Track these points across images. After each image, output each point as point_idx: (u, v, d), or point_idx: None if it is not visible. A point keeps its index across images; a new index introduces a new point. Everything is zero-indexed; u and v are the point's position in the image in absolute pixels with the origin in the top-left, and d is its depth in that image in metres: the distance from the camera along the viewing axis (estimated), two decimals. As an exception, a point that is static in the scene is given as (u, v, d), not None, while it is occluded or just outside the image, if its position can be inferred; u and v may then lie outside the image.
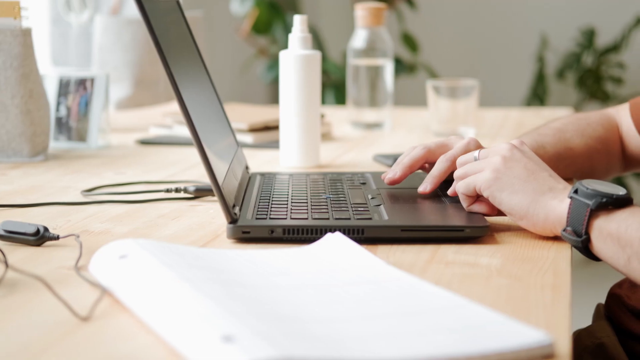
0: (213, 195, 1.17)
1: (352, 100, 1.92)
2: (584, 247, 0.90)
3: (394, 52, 2.19)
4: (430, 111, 1.86)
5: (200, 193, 1.20)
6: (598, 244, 0.89)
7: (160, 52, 0.95)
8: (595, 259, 0.91)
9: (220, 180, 0.98)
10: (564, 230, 0.92)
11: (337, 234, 0.93)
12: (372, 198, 1.10)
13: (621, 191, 0.90)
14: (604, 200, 0.88)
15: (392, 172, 1.14)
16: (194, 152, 1.00)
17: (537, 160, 1.00)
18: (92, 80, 1.65)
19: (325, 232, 0.95)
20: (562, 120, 1.28)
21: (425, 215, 1.04)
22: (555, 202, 0.94)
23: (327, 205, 1.06)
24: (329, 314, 0.71)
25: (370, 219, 1.00)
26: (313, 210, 1.03)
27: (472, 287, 0.82)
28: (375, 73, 1.89)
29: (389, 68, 1.90)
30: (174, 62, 0.98)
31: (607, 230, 0.88)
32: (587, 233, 0.89)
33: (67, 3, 2.14)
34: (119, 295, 0.77)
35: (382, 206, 1.05)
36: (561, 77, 4.10)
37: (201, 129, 0.98)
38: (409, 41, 3.77)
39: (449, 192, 1.07)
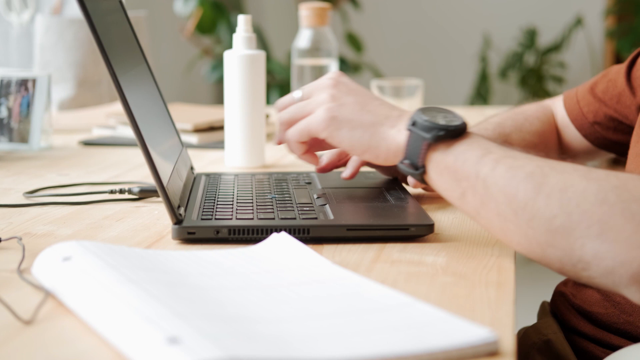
0: (158, 196, 1.17)
1: (297, 100, 1.91)
2: (421, 180, 0.90)
3: (339, 52, 2.20)
4: (375, 111, 1.86)
5: (144, 194, 1.19)
6: (434, 176, 0.89)
7: (103, 52, 0.94)
8: None
9: (164, 181, 0.97)
10: (402, 162, 0.92)
11: (283, 233, 0.93)
12: (317, 197, 1.10)
13: (458, 120, 0.89)
14: (441, 133, 0.87)
15: (321, 161, 1.16)
16: (138, 152, 1.00)
17: (361, 90, 1.00)
18: (34, 80, 1.63)
19: (271, 232, 0.95)
20: (502, 115, 1.30)
21: (371, 214, 1.04)
22: (393, 132, 0.93)
23: (272, 205, 1.06)
24: (275, 314, 0.71)
25: (315, 218, 1.00)
26: (258, 211, 1.03)
27: (418, 285, 0.83)
28: (320, 73, 1.90)
29: (333, 68, 1.90)
30: (117, 62, 0.97)
31: (444, 164, 0.87)
32: (424, 166, 0.89)
33: (8, 3, 2.11)
34: (63, 298, 0.76)
35: (327, 206, 1.06)
36: (504, 77, 4.15)
37: (145, 130, 0.97)
38: (354, 41, 3.79)
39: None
